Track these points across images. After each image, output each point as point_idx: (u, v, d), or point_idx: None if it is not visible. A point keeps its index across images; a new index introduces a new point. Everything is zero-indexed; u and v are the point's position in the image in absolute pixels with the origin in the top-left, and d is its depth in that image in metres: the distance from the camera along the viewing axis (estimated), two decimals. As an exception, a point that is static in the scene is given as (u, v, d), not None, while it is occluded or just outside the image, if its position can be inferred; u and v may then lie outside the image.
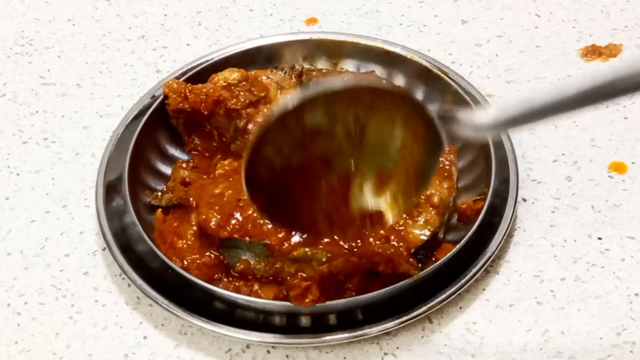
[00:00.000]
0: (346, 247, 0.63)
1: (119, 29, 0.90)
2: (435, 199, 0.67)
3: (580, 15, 0.90)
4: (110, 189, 0.71)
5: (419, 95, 0.78)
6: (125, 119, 0.76)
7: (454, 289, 0.63)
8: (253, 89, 0.74)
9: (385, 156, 0.53)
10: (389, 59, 0.79)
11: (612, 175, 0.74)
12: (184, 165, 0.74)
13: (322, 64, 0.82)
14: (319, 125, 0.51)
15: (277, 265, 0.64)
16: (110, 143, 0.74)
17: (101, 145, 0.76)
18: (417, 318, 0.62)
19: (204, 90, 0.73)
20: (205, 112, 0.73)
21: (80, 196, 0.74)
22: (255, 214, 0.64)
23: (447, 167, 0.70)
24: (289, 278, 0.63)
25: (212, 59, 0.79)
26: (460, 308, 0.65)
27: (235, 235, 0.64)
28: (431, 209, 0.66)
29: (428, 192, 0.67)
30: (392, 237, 0.64)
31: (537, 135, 0.77)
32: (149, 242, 0.65)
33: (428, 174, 0.54)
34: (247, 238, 0.64)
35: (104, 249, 0.69)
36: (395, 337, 0.63)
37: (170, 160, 0.75)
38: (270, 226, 0.62)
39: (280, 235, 0.63)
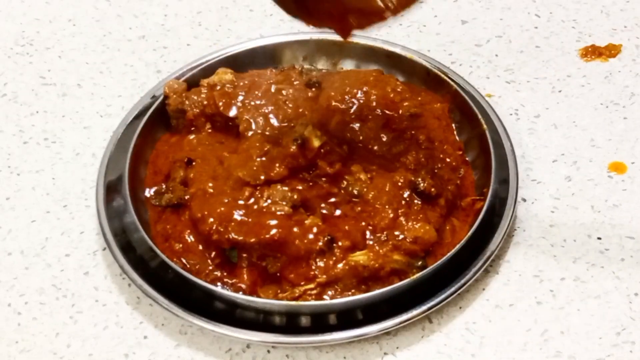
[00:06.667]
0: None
1: (119, 29, 0.90)
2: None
3: (580, 16, 0.90)
4: (111, 189, 0.71)
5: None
6: (125, 119, 0.76)
7: (454, 289, 0.63)
8: (257, 92, 0.74)
9: None
10: (389, 59, 0.79)
11: (612, 175, 0.74)
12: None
13: (322, 64, 0.82)
14: None
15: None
16: (111, 143, 0.74)
17: (101, 145, 0.76)
18: (417, 318, 0.62)
19: (199, 100, 0.73)
20: (204, 120, 0.73)
21: (80, 196, 0.74)
22: (256, 213, 0.65)
23: None
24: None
25: (213, 59, 0.79)
26: (460, 308, 0.65)
27: (239, 240, 0.64)
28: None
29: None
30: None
31: (537, 135, 0.77)
32: (149, 242, 0.65)
33: None
34: (252, 239, 0.64)
35: (104, 249, 0.69)
36: (395, 337, 0.63)
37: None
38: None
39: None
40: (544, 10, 0.91)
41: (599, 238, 0.69)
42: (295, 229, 0.64)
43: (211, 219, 0.65)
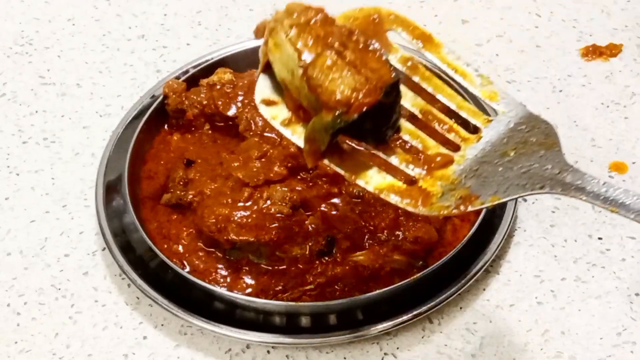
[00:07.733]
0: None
1: (118, 28, 0.90)
2: None
3: (581, 15, 0.90)
4: (110, 189, 0.70)
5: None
6: (125, 118, 0.76)
7: (454, 289, 0.63)
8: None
9: None
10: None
11: (613, 175, 0.74)
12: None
13: (322, 64, 0.81)
14: None
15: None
16: (110, 143, 0.74)
17: (101, 145, 0.76)
18: (417, 318, 0.62)
19: (198, 99, 0.73)
20: (203, 120, 0.73)
21: (80, 196, 0.73)
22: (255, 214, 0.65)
23: None
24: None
25: (212, 58, 0.79)
26: (461, 308, 0.65)
27: (238, 240, 0.64)
28: None
29: None
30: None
31: (538, 135, 0.77)
32: (149, 242, 0.65)
33: None
34: (252, 239, 0.64)
35: (103, 249, 0.69)
36: (395, 337, 0.63)
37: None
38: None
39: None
40: (544, 10, 0.91)
41: (600, 238, 0.69)
42: (295, 230, 0.64)
43: (211, 220, 0.64)
